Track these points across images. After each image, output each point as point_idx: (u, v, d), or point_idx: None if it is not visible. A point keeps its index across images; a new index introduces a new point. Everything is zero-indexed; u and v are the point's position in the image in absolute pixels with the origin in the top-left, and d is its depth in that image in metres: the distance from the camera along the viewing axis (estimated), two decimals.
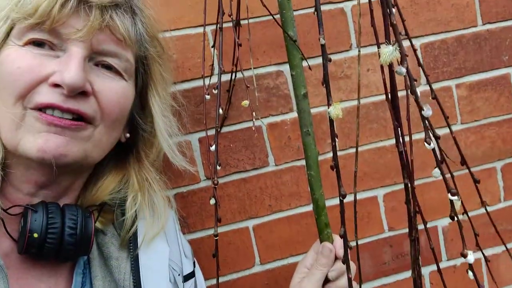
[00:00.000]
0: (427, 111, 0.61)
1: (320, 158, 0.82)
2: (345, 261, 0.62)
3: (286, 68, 1.03)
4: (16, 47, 0.67)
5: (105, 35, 0.70)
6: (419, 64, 0.63)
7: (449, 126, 0.63)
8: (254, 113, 0.74)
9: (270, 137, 1.03)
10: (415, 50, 0.64)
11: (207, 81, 0.90)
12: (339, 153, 1.06)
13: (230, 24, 0.95)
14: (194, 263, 0.88)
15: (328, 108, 0.59)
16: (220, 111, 0.66)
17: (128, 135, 0.81)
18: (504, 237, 1.15)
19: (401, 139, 0.67)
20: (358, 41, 0.74)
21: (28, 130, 0.65)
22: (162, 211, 0.80)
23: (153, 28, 0.80)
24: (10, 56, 0.67)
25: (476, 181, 0.64)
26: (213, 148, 0.66)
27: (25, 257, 0.70)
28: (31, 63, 0.65)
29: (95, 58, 0.70)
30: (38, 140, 0.65)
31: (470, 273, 0.67)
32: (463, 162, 0.64)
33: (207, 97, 0.71)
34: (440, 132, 0.64)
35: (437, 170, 0.64)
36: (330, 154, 1.04)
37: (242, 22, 0.92)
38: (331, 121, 0.60)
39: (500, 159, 1.14)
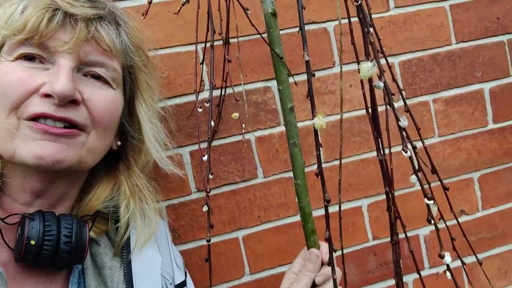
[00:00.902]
0: (403, 122, 0.66)
1: (307, 169, 0.86)
2: (330, 263, 0.65)
3: (273, 84, 1.08)
4: (7, 62, 0.70)
5: (92, 46, 0.73)
6: (394, 80, 0.68)
7: (420, 137, 0.68)
8: (243, 125, 0.77)
9: (258, 150, 1.07)
10: (390, 67, 0.69)
11: (198, 98, 0.94)
12: (324, 165, 1.10)
13: (219, 43, 1.00)
14: (185, 273, 0.90)
15: (313, 119, 0.64)
16: (212, 123, 0.70)
17: (119, 143, 0.84)
18: (483, 245, 1.21)
19: (381, 149, 0.72)
20: (340, 59, 0.79)
21: (23, 139, 0.68)
22: (152, 216, 0.83)
23: (137, 39, 0.83)
24: (2, 71, 0.70)
25: (445, 188, 0.68)
26: (205, 158, 0.70)
27: (22, 267, 0.71)
28: (22, 76, 0.68)
29: (83, 69, 0.74)
30: (34, 147, 0.67)
31: (448, 273, 0.71)
32: (434, 171, 0.69)
33: (200, 110, 0.75)
34: (418, 145, 0.69)
35: (413, 176, 0.69)
36: (316, 166, 1.08)
37: (231, 40, 0.97)
38: (316, 131, 0.65)
39: (477, 170, 1.20)
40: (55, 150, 0.68)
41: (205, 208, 0.69)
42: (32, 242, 0.67)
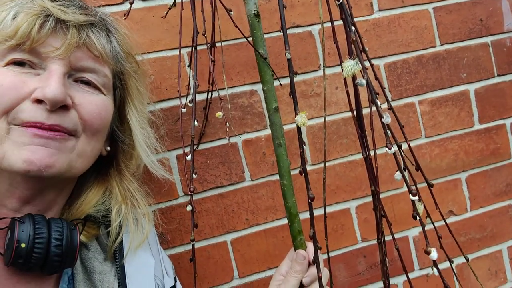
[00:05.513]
0: (387, 118, 0.66)
1: (293, 172, 0.85)
2: (315, 260, 0.65)
3: (259, 87, 1.08)
4: None
5: (83, 52, 0.74)
6: (376, 78, 0.69)
7: (404, 135, 0.68)
8: (228, 124, 0.77)
9: (245, 153, 1.07)
10: (372, 65, 0.70)
11: (183, 100, 0.94)
12: (311, 168, 1.10)
13: (205, 47, 1.00)
14: (175, 278, 0.90)
15: (295, 117, 0.64)
16: (196, 123, 0.70)
17: (109, 148, 0.84)
18: (472, 246, 1.21)
19: (366, 147, 0.72)
20: (324, 59, 0.80)
21: (13, 144, 0.67)
22: (145, 221, 0.83)
23: (127, 45, 0.84)
24: None
25: (430, 185, 0.69)
26: (189, 157, 0.70)
27: (11, 272, 0.70)
28: (14, 81, 0.68)
29: (74, 75, 0.74)
30: (23, 152, 0.66)
31: (435, 269, 0.71)
32: (418, 168, 0.69)
33: (183, 110, 0.75)
34: (404, 145, 0.69)
35: (398, 173, 0.69)
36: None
37: (217, 44, 0.97)
38: (299, 128, 0.65)
39: (464, 171, 1.20)
40: (45, 154, 0.67)
41: (189, 208, 0.68)
42: (23, 245, 0.67)
